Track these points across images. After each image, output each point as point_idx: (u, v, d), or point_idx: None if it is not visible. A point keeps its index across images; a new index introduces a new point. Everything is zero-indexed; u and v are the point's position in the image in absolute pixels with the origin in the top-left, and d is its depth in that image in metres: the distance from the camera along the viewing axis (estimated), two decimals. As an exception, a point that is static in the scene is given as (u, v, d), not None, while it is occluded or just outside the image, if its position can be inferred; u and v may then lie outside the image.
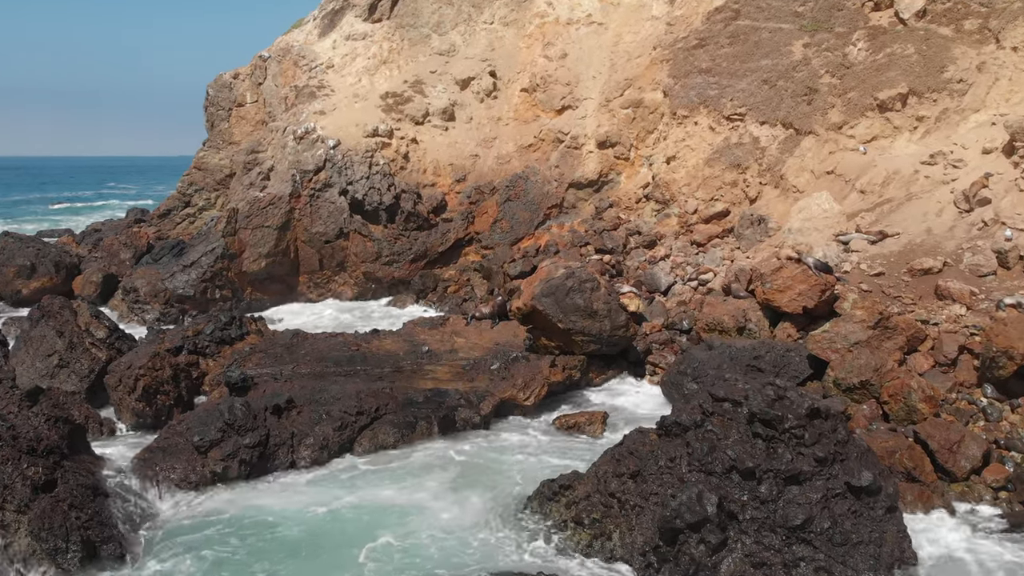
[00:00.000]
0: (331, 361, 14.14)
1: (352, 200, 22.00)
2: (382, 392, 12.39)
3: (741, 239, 19.42)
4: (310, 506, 9.84)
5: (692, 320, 15.87)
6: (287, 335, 15.46)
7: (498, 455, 11.39)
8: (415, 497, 10.04)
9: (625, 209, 22.91)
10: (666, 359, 14.93)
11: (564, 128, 24.41)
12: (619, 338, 14.02)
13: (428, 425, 11.83)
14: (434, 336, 15.77)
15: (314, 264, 21.96)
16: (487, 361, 14.15)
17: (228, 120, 26.88)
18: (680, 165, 22.11)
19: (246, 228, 21.30)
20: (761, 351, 12.76)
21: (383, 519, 9.45)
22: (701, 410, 9.30)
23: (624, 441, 9.65)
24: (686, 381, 12.86)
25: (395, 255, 22.08)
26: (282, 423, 11.46)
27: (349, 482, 10.63)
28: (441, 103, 24.95)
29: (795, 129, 20.78)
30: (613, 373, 14.44)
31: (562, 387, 13.60)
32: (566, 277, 14.06)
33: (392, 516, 9.53)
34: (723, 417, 9.14)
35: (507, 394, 12.70)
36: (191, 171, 26.52)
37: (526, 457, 11.36)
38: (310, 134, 22.90)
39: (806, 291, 13.43)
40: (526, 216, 23.14)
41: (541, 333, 14.33)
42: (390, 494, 10.16)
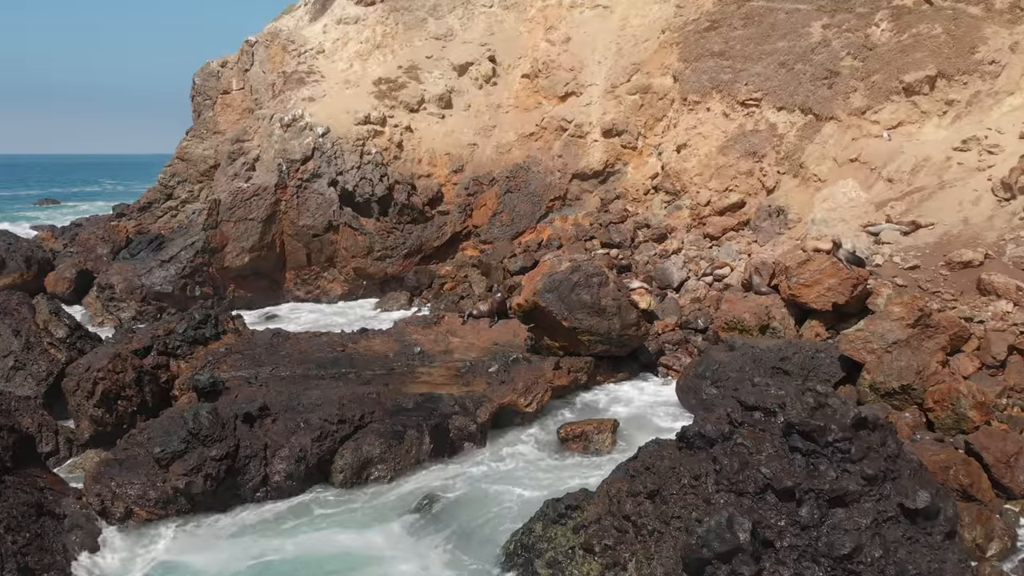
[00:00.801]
0: (313, 363, 13.05)
1: (342, 191, 20.92)
2: (367, 398, 11.30)
3: (758, 232, 18.35)
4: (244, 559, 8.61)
5: (708, 318, 14.78)
6: (267, 335, 14.37)
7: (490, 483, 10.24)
8: (373, 544, 8.83)
9: (633, 201, 21.83)
10: (680, 361, 13.85)
11: (568, 116, 23.33)
12: (629, 338, 12.92)
13: (418, 435, 10.73)
14: (427, 336, 14.68)
15: (301, 259, 20.86)
16: (485, 363, 13.06)
17: (213, 108, 25.79)
18: (691, 154, 21.01)
19: (229, 221, 20.21)
20: (787, 352, 11.66)
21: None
22: (729, 420, 8.19)
23: (639, 455, 8.56)
24: (705, 385, 11.77)
25: (388, 250, 20.99)
26: (254, 433, 10.37)
27: (306, 524, 9.45)
28: (437, 89, 23.87)
29: (815, 115, 19.69)
30: (623, 376, 13.35)
31: (567, 392, 12.50)
32: (571, 271, 12.97)
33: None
34: (755, 428, 8.03)
35: (506, 400, 11.61)
36: (173, 162, 25.45)
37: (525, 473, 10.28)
38: (298, 121, 21.81)
39: (836, 286, 12.34)
40: (527, 209, 22.06)
41: (544, 332, 13.24)
42: (347, 540, 8.97)
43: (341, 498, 10.08)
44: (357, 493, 10.20)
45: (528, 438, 11.64)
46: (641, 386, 13.50)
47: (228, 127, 25.19)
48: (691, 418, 11.45)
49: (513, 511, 9.26)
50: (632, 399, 13.19)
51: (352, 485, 10.25)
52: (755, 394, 8.33)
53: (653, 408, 12.76)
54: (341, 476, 10.26)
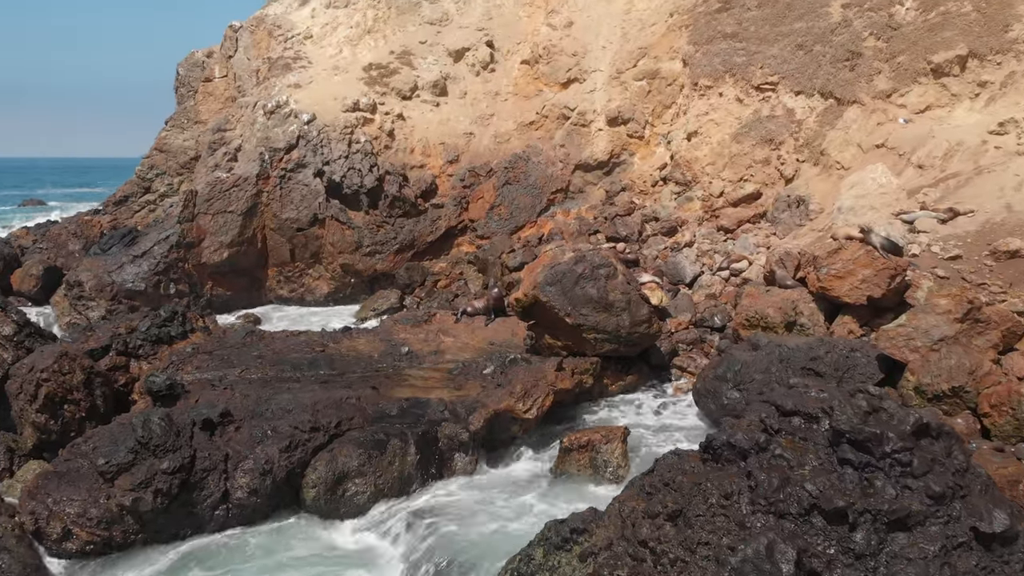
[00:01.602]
0: (288, 364, 11.92)
1: (329, 182, 19.81)
2: (346, 403, 10.14)
3: (777, 224, 17.22)
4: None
5: (726, 316, 13.65)
6: (239, 333, 13.25)
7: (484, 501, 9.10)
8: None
9: (640, 193, 20.71)
10: (696, 362, 12.71)
11: (570, 103, 22.23)
12: (640, 336, 11.78)
13: (402, 445, 9.57)
14: (416, 335, 13.54)
15: (284, 255, 19.73)
16: (479, 365, 11.92)
17: (195, 97, 24.71)
18: (703, 142, 19.90)
19: (206, 213, 19.09)
20: (819, 351, 10.51)
21: None
22: (763, 427, 7.04)
23: (657, 468, 7.40)
24: (726, 388, 10.61)
25: (377, 245, 19.86)
26: (214, 442, 9.22)
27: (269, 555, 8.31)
28: (431, 76, 22.78)
29: (836, 99, 18.58)
30: (632, 379, 12.20)
31: (571, 396, 11.35)
32: (575, 261, 11.84)
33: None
34: (794, 437, 6.88)
35: (503, 405, 10.45)
36: (151, 153, 24.36)
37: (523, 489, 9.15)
38: (282, 108, 20.72)
39: (871, 277, 11.19)
40: (527, 201, 20.95)
41: (545, 330, 12.11)
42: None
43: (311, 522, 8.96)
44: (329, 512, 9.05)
45: (527, 448, 10.50)
46: (653, 389, 12.35)
47: (210, 116, 24.10)
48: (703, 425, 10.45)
49: (510, 534, 8.12)
50: (643, 404, 12.05)
51: (326, 502, 9.09)
52: (793, 397, 7.19)
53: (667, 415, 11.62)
54: (313, 492, 9.11)
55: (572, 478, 9.54)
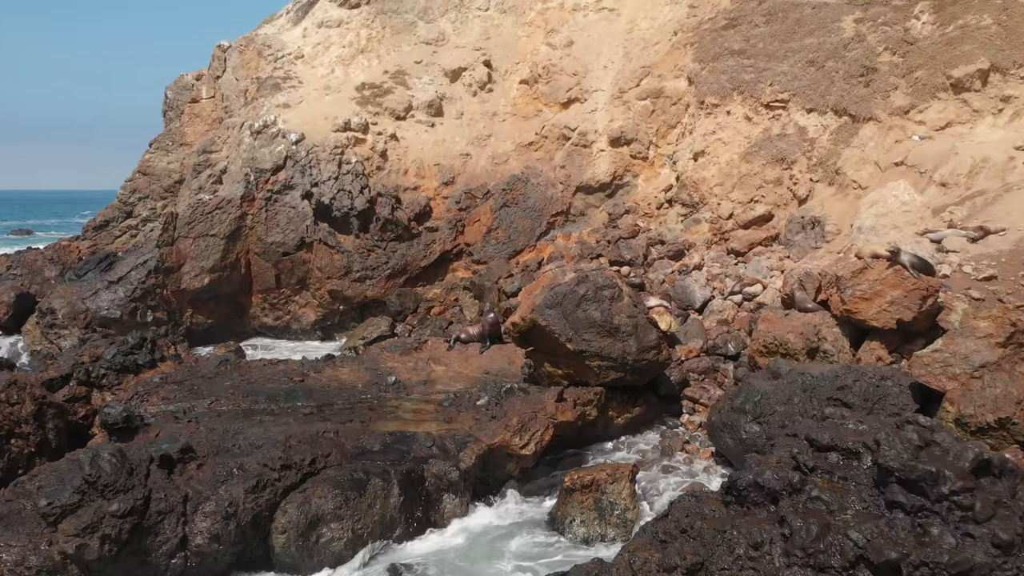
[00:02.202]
0: (263, 395, 11.06)
1: (317, 204, 19.10)
2: (322, 437, 9.27)
3: (791, 247, 16.46)
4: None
5: (740, 343, 12.82)
6: (213, 362, 12.42)
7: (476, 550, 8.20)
8: None
9: (644, 216, 19.99)
10: (708, 393, 11.85)
11: (571, 123, 21.63)
12: (648, 363, 10.93)
13: (384, 485, 8.68)
14: (405, 363, 12.70)
15: (269, 281, 18.94)
16: (472, 395, 11.06)
17: (180, 119, 24.13)
18: (710, 162, 19.22)
19: (187, 237, 18.35)
20: (846, 379, 9.66)
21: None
22: (795, 464, 6.19)
23: (672, 512, 6.53)
24: (745, 421, 9.74)
25: (368, 270, 19.09)
26: (173, 481, 8.34)
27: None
28: (427, 96, 22.21)
29: (851, 116, 17.93)
30: (640, 412, 11.31)
31: (573, 430, 10.46)
32: (577, 282, 11.04)
33: None
34: (833, 476, 6.03)
35: (497, 439, 9.58)
36: (134, 176, 23.70)
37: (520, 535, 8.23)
38: (269, 127, 20.10)
39: (901, 299, 10.38)
40: (526, 225, 20.22)
41: (545, 357, 11.27)
42: None
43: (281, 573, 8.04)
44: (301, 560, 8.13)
45: (524, 488, 9.59)
46: (662, 423, 11.45)
47: (196, 138, 23.49)
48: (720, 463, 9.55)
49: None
50: (652, 440, 11.16)
51: (298, 549, 8.17)
52: (829, 430, 6.35)
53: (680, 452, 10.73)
54: (283, 538, 8.19)
55: (575, 523, 8.63)
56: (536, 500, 9.40)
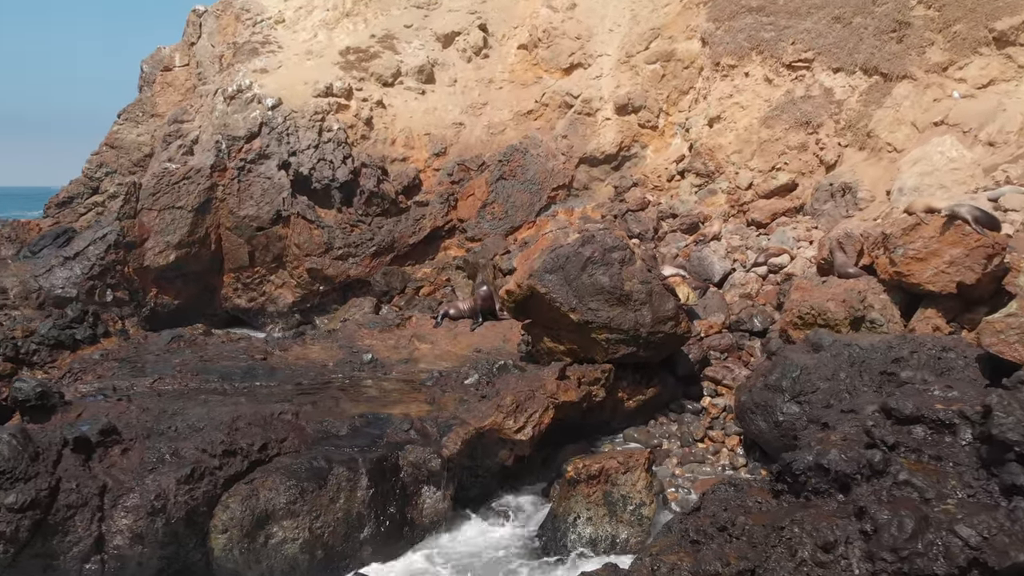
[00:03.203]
0: (216, 374, 9.70)
1: (295, 175, 17.74)
2: (278, 419, 7.91)
3: (818, 216, 15.10)
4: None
5: (767, 317, 11.45)
6: (164, 338, 11.09)
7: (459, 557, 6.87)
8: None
9: (654, 190, 18.62)
10: (732, 373, 10.48)
11: (574, 90, 20.26)
12: (665, 337, 9.55)
13: (350, 475, 7.31)
14: (385, 341, 11.34)
15: (242, 258, 17.58)
16: (460, 373, 9.69)
17: (152, 88, 22.78)
18: (727, 128, 17.86)
19: (151, 209, 16.99)
20: (901, 350, 8.27)
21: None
22: (870, 441, 4.82)
23: (705, 505, 5.19)
24: (781, 401, 8.37)
25: (351, 247, 17.71)
26: (90, 469, 6.98)
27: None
28: (417, 61, 20.84)
29: (882, 75, 16.55)
30: (654, 393, 9.93)
31: (577, 413, 9.08)
32: (582, 243, 9.67)
33: None
34: (922, 455, 4.66)
35: (488, 422, 8.21)
36: (101, 150, 22.35)
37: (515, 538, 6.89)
38: (243, 92, 18.75)
39: (962, 258, 9.02)
40: (524, 199, 18.86)
41: (544, 331, 9.90)
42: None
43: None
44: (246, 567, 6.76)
45: (519, 479, 8.24)
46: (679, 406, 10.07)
47: (169, 109, 22.12)
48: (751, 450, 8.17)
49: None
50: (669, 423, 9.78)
51: (242, 553, 6.81)
52: (913, 397, 4.97)
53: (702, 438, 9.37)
54: (224, 539, 6.83)
55: (580, 520, 7.27)
56: (533, 493, 8.05)
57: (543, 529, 7.45)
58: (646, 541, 6.97)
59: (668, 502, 7.80)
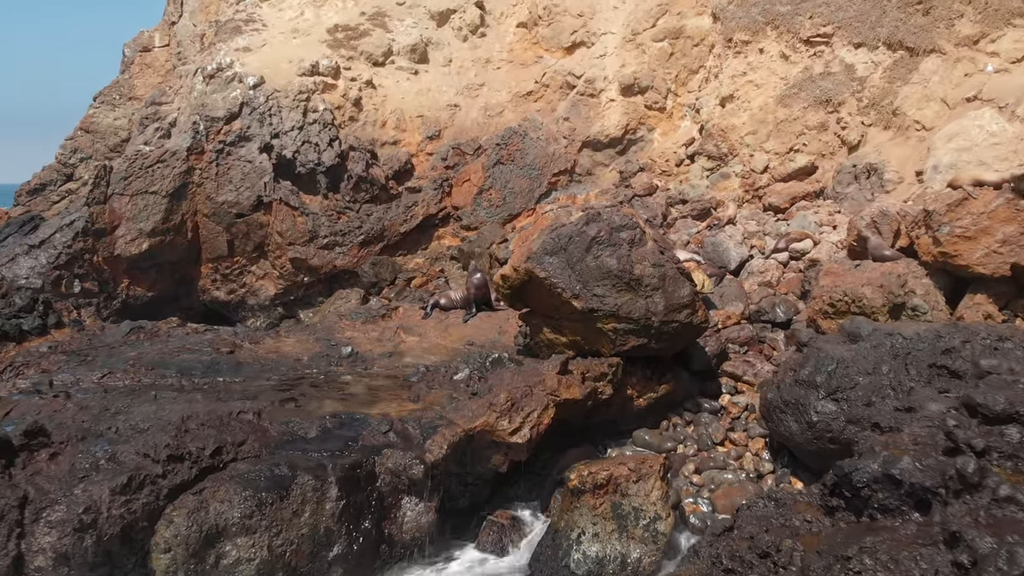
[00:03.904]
0: (175, 368, 8.76)
1: (278, 158, 16.79)
2: (236, 419, 6.98)
3: (842, 200, 14.17)
4: None
5: (790, 307, 10.51)
6: (122, 329, 10.16)
7: None
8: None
9: (662, 175, 17.68)
10: (754, 367, 9.54)
11: (576, 70, 19.32)
12: (680, 327, 8.60)
13: (318, 484, 6.38)
14: (368, 333, 10.41)
15: (221, 247, 16.63)
16: (449, 368, 8.75)
17: (130, 70, 21.84)
18: (741, 108, 16.90)
19: (123, 194, 16.04)
20: (952, 340, 7.31)
21: None
22: (952, 446, 3.87)
23: (741, 524, 4.25)
24: (815, 399, 7.42)
25: (337, 236, 16.77)
26: (10, 477, 6.04)
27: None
28: (409, 39, 19.89)
29: (908, 49, 15.59)
30: (667, 390, 8.97)
31: (580, 412, 8.13)
32: (586, 221, 8.73)
33: None
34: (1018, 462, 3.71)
35: (479, 422, 7.26)
36: (76, 134, 21.38)
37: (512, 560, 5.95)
38: (224, 71, 17.81)
39: (1016, 236, 8.11)
40: (523, 185, 17.91)
41: (544, 321, 8.96)
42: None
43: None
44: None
45: (514, 489, 7.29)
46: (696, 404, 9.12)
47: (148, 91, 21.15)
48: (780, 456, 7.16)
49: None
50: (685, 424, 8.84)
51: (189, 573, 5.87)
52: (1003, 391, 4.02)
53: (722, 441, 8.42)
54: (167, 559, 5.89)
55: (584, 537, 6.33)
56: (530, 505, 7.11)
57: (542, 547, 6.52)
58: (662, 562, 6.05)
59: (686, 515, 6.86)
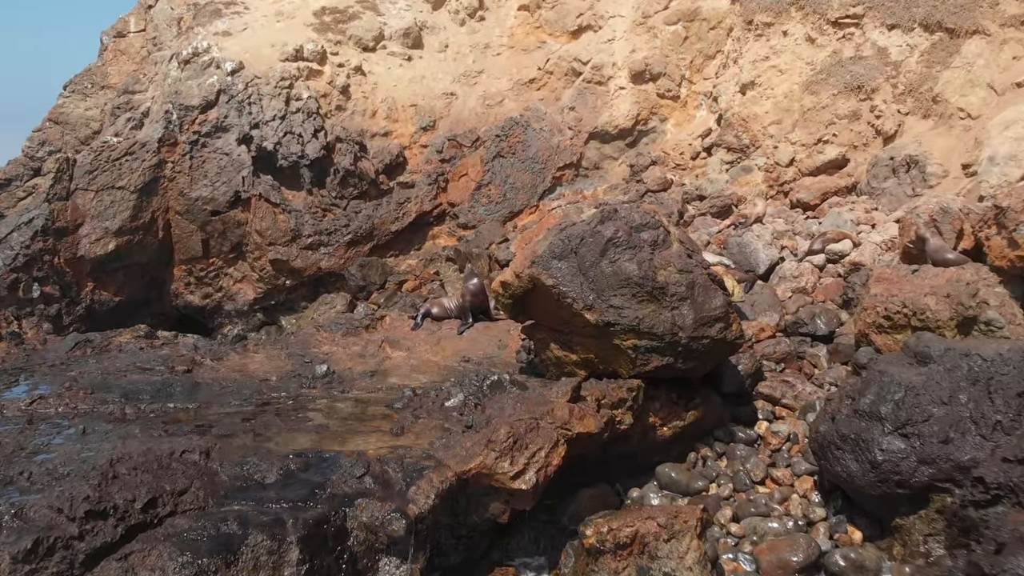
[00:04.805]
0: (119, 392, 7.58)
1: (258, 151, 15.62)
2: (179, 461, 5.79)
3: (878, 196, 13.01)
4: None
5: (832, 317, 9.34)
6: (67, 344, 8.98)
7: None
8: None
9: (676, 169, 16.50)
10: (794, 389, 8.36)
11: (582, 55, 18.14)
12: (711, 343, 7.41)
13: (273, 544, 5.20)
14: (348, 347, 9.22)
15: (195, 248, 15.45)
16: (440, 392, 7.56)
17: (103, 57, 20.64)
18: (763, 95, 15.71)
19: (87, 189, 14.87)
20: (1046, 364, 6.13)
21: None
22: None
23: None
24: (879, 433, 6.25)
25: (322, 235, 15.59)
26: None
27: None
28: (402, 23, 18.72)
29: (947, 30, 14.43)
30: (695, 417, 7.78)
31: (595, 447, 6.94)
32: (601, 220, 7.55)
33: None
34: None
35: (475, 463, 6.07)
36: (44, 126, 20.16)
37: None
38: (200, 56, 16.64)
39: (1115, 239, 6.86)
40: (525, 180, 16.75)
41: (552, 335, 7.78)
42: None
43: None
44: None
45: (517, 546, 6.10)
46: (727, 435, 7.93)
47: (122, 79, 19.95)
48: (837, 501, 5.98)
49: None
50: (717, 458, 7.66)
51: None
52: None
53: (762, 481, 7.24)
54: (78, 648, 4.70)
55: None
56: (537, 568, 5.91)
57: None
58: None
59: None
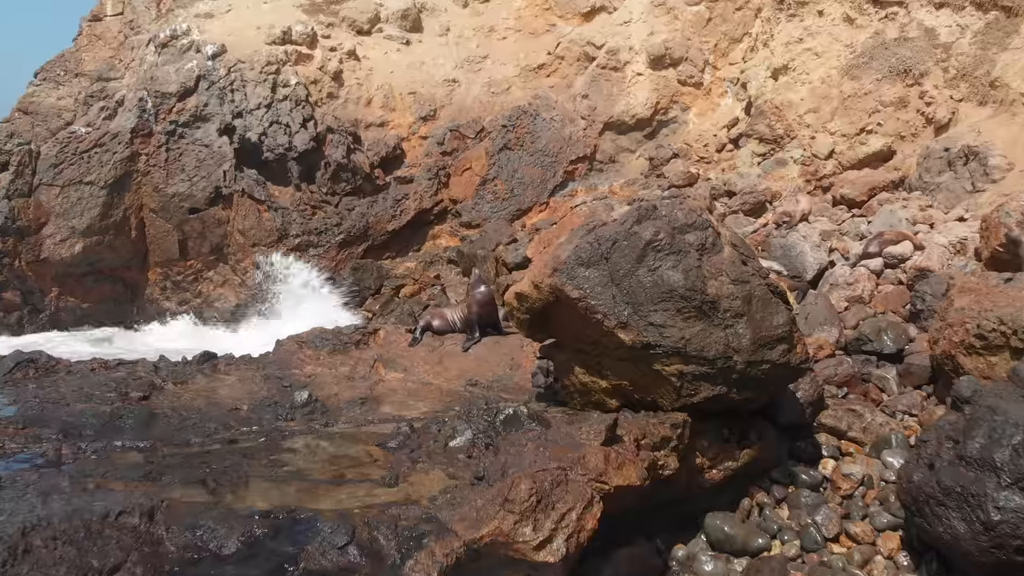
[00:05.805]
0: (56, 426, 6.40)
1: (241, 142, 14.52)
2: (112, 527, 4.62)
3: (932, 192, 11.87)
4: None
5: (900, 333, 8.15)
6: (5, 365, 7.81)
7: None
8: None
9: (699, 162, 15.38)
10: (862, 420, 7.18)
11: (596, 39, 17.06)
12: (771, 368, 6.23)
13: (226, 646, 4.00)
14: (336, 368, 8.04)
15: (171, 249, 14.34)
16: (444, 427, 6.36)
17: (76, 41, 19.53)
18: (797, 81, 14.59)
19: (52, 185, 13.79)
20: None
21: None
22: None
23: None
24: (993, 486, 5.08)
25: (312, 235, 14.49)
26: None
27: None
28: (400, 4, 17.67)
29: (1003, 8, 13.32)
30: (750, 458, 6.59)
31: (635, 499, 5.74)
32: (637, 219, 6.37)
33: None
34: None
35: (488, 530, 4.90)
36: (13, 116, 19.02)
37: None
38: (179, 39, 15.53)
39: None
40: (535, 174, 15.65)
41: (576, 358, 6.61)
42: None
43: None
44: None
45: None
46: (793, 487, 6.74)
47: (97, 66, 18.85)
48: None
49: None
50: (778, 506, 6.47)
51: None
52: None
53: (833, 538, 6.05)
54: None
55: None
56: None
57: None
58: None
59: None
